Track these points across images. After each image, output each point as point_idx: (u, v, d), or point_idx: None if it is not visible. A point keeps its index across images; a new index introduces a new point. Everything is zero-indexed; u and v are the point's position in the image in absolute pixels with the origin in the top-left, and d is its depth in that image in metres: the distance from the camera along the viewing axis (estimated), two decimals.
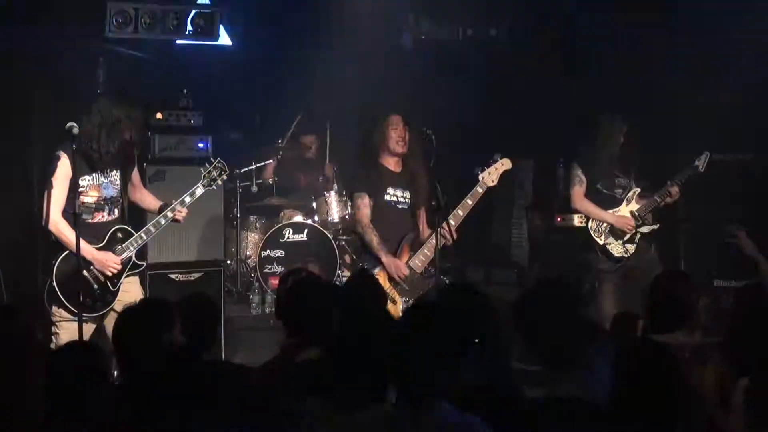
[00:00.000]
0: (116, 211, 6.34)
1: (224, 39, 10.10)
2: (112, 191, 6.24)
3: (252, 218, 10.04)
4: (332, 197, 9.65)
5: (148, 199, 6.66)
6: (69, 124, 5.92)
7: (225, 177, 6.64)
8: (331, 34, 10.44)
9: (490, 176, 6.96)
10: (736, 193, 9.03)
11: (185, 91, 8.55)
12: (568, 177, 8.07)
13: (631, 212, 7.91)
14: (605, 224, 7.88)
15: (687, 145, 8.84)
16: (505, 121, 10.82)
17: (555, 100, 10.22)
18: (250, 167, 9.92)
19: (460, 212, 6.88)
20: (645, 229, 7.93)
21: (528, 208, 10.87)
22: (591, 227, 7.91)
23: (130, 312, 4.47)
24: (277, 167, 10.21)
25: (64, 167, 6.04)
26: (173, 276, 8.16)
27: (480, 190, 6.92)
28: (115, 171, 6.26)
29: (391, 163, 7.14)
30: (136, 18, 8.47)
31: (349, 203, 9.54)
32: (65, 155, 6.05)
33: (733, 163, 9.04)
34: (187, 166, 6.90)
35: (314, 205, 9.82)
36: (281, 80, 10.51)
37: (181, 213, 6.50)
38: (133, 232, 6.39)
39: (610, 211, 7.89)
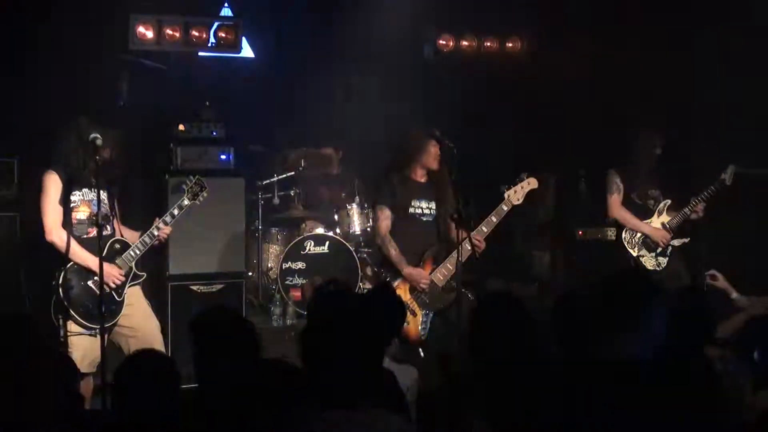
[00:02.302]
0: (108, 227, 6.36)
1: (247, 51, 10.14)
2: (102, 208, 6.24)
3: (273, 230, 10.04)
4: (354, 209, 9.65)
5: (126, 234, 6.67)
6: (92, 135, 5.99)
7: (206, 194, 6.69)
8: (353, 46, 10.45)
9: (515, 194, 6.95)
10: (761, 208, 8.98)
11: (207, 103, 8.56)
12: (605, 184, 8.01)
13: (663, 224, 7.87)
14: (639, 236, 7.85)
15: (713, 159, 8.80)
16: (526, 134, 10.81)
17: (577, 113, 10.20)
18: (272, 179, 9.93)
19: (485, 229, 6.87)
20: (676, 242, 7.89)
21: (549, 222, 10.83)
22: (624, 238, 7.88)
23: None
24: (299, 181, 10.23)
25: (53, 182, 6.20)
26: (195, 287, 8.19)
27: (505, 208, 6.92)
28: (102, 190, 6.27)
29: (418, 175, 7.13)
30: (159, 30, 8.52)
31: (371, 215, 9.57)
32: (53, 172, 6.21)
33: (759, 178, 8.98)
34: (210, 177, 6.91)
35: (336, 217, 9.82)
36: (303, 92, 10.52)
37: (165, 231, 6.55)
38: (130, 243, 6.45)
39: (644, 222, 7.85)
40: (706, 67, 9.32)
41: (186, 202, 6.62)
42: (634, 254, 7.83)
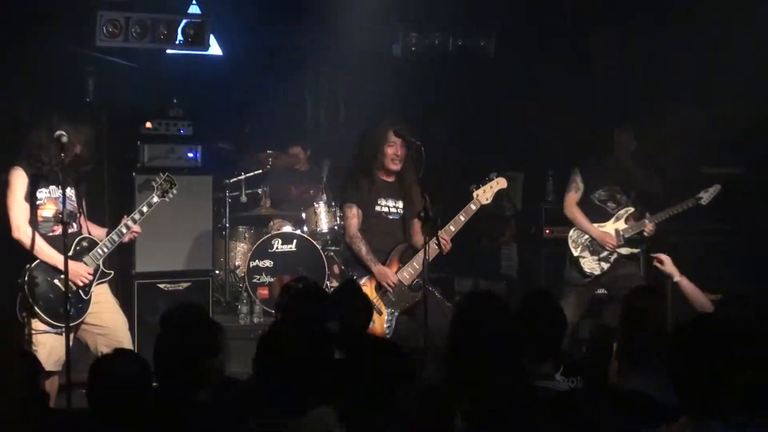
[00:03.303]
0: (74, 224, 6.35)
1: (215, 49, 10.11)
2: (69, 206, 6.19)
3: (241, 228, 10.03)
4: (321, 208, 9.64)
5: (93, 230, 6.64)
6: (57, 132, 5.96)
7: (175, 191, 6.70)
8: (321, 44, 10.45)
9: (484, 194, 6.97)
10: (724, 207, 9.05)
11: (175, 100, 8.54)
12: (567, 181, 8.06)
13: (617, 230, 7.90)
14: (586, 237, 7.90)
15: (677, 159, 8.88)
16: (495, 132, 10.84)
17: (546, 112, 10.23)
18: (240, 177, 9.91)
19: (452, 228, 6.88)
20: (624, 251, 7.94)
21: (517, 220, 10.87)
22: (570, 236, 7.94)
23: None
24: (266, 178, 10.22)
25: (19, 179, 6.17)
26: (162, 285, 8.18)
27: (473, 207, 6.93)
28: (69, 187, 6.22)
29: (384, 174, 7.14)
30: (127, 27, 8.46)
31: (340, 213, 9.57)
32: (20, 168, 6.19)
33: (723, 177, 9.06)
34: (177, 175, 6.90)
35: (303, 215, 9.81)
36: (271, 90, 10.50)
37: (134, 229, 6.53)
38: (97, 241, 6.43)
39: (596, 225, 7.90)
40: (678, 66, 9.41)
41: (155, 199, 6.60)
42: (575, 254, 7.90)
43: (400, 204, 7.14)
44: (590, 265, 7.89)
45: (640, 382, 4.18)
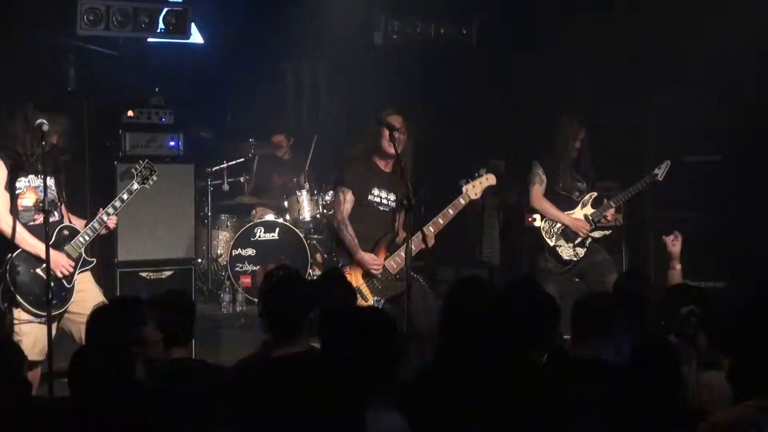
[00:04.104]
0: (56, 213, 6.32)
1: (196, 37, 10.09)
2: (49, 195, 6.14)
3: (223, 217, 10.03)
4: (304, 196, 9.64)
5: (73, 221, 6.62)
6: (38, 120, 5.93)
7: (155, 178, 6.68)
8: (303, 32, 10.43)
9: (473, 189, 6.99)
10: (704, 195, 9.11)
11: (157, 89, 8.52)
12: (529, 175, 8.12)
13: (585, 216, 7.96)
14: (558, 226, 7.95)
15: (657, 145, 8.92)
16: (477, 120, 10.85)
17: (526, 100, 10.26)
18: (222, 165, 9.91)
19: (441, 221, 6.89)
20: (596, 234, 8.01)
21: (499, 208, 10.88)
22: (543, 228, 7.98)
23: (102, 310, 4.53)
24: (249, 166, 10.22)
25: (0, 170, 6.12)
26: (144, 274, 8.18)
27: (462, 202, 6.94)
28: (48, 177, 6.15)
29: (382, 164, 7.12)
30: (108, 15, 8.44)
31: (323, 201, 9.57)
32: None
33: (703, 165, 9.12)
34: (159, 164, 6.88)
35: (286, 203, 9.82)
36: (253, 79, 10.48)
37: (110, 224, 6.52)
38: (79, 229, 6.41)
39: (566, 213, 7.95)
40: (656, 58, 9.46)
41: (135, 186, 6.58)
42: (551, 244, 7.93)
43: (392, 196, 7.13)
44: (568, 252, 7.93)
45: (599, 348, 4.21)
